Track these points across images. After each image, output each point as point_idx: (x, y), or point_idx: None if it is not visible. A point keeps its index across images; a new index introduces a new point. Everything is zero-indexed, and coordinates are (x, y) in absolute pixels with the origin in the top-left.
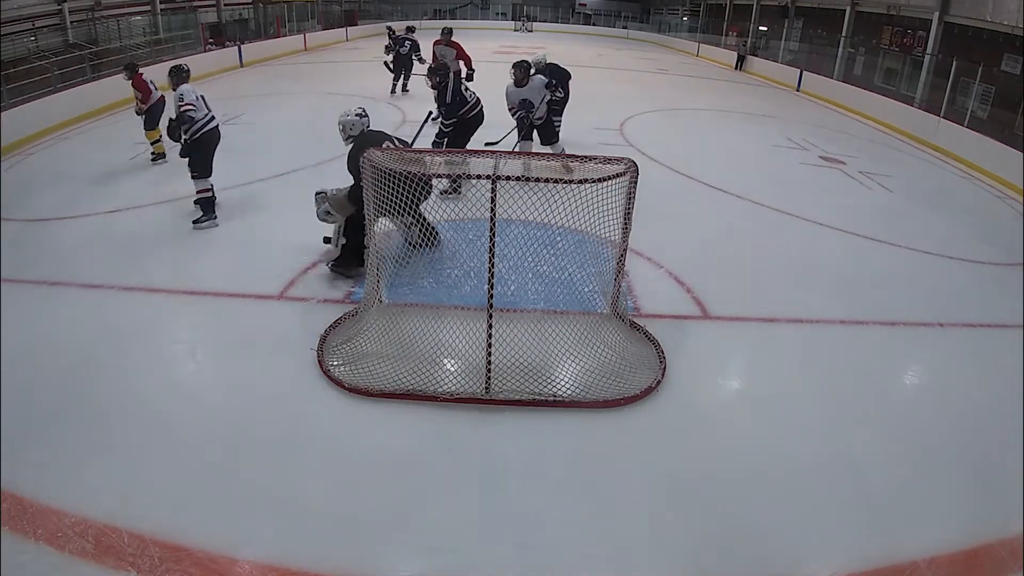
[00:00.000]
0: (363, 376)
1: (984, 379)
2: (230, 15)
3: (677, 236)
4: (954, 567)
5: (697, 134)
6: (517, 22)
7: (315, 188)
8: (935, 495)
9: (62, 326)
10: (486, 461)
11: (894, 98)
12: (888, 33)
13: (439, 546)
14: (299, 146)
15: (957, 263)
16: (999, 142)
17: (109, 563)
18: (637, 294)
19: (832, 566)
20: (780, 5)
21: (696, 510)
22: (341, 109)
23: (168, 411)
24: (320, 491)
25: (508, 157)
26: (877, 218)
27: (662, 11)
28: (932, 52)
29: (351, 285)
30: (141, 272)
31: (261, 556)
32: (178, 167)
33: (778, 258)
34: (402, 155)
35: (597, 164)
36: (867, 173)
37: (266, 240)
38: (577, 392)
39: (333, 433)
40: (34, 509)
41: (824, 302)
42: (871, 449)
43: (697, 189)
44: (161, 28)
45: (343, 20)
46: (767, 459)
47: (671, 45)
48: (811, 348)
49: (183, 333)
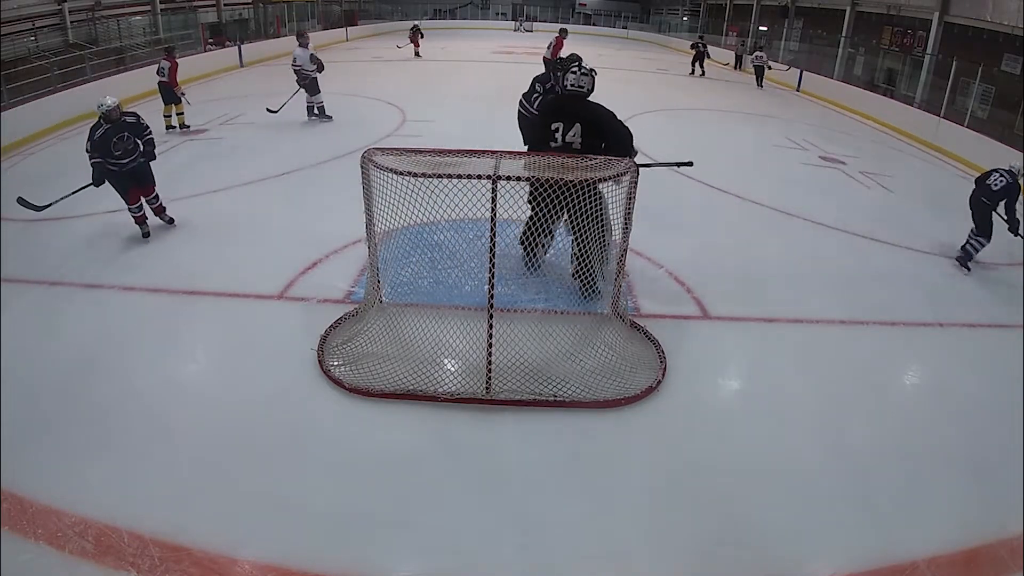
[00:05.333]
0: (363, 376)
1: (984, 379)
2: (230, 15)
3: (677, 236)
4: (954, 567)
5: (697, 134)
6: (516, 22)
7: (315, 188)
8: (935, 495)
9: (62, 326)
10: (486, 461)
11: (894, 98)
12: (888, 33)
13: (439, 546)
14: (299, 146)
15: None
16: (999, 142)
17: (109, 563)
18: (637, 294)
19: (832, 566)
20: (780, 5)
21: (696, 510)
22: (341, 109)
23: (168, 411)
24: (320, 491)
25: (508, 157)
26: (877, 218)
27: (662, 11)
28: (932, 52)
29: (350, 285)
30: (141, 272)
31: (261, 556)
32: (179, 167)
33: (778, 258)
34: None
35: (598, 164)
36: (867, 173)
37: (266, 240)
38: (577, 392)
39: (333, 433)
40: (34, 509)
41: (824, 302)
42: (871, 449)
43: (697, 189)
44: (161, 28)
45: (343, 20)
46: (767, 459)
47: (671, 45)
48: (811, 348)
49: (183, 333)
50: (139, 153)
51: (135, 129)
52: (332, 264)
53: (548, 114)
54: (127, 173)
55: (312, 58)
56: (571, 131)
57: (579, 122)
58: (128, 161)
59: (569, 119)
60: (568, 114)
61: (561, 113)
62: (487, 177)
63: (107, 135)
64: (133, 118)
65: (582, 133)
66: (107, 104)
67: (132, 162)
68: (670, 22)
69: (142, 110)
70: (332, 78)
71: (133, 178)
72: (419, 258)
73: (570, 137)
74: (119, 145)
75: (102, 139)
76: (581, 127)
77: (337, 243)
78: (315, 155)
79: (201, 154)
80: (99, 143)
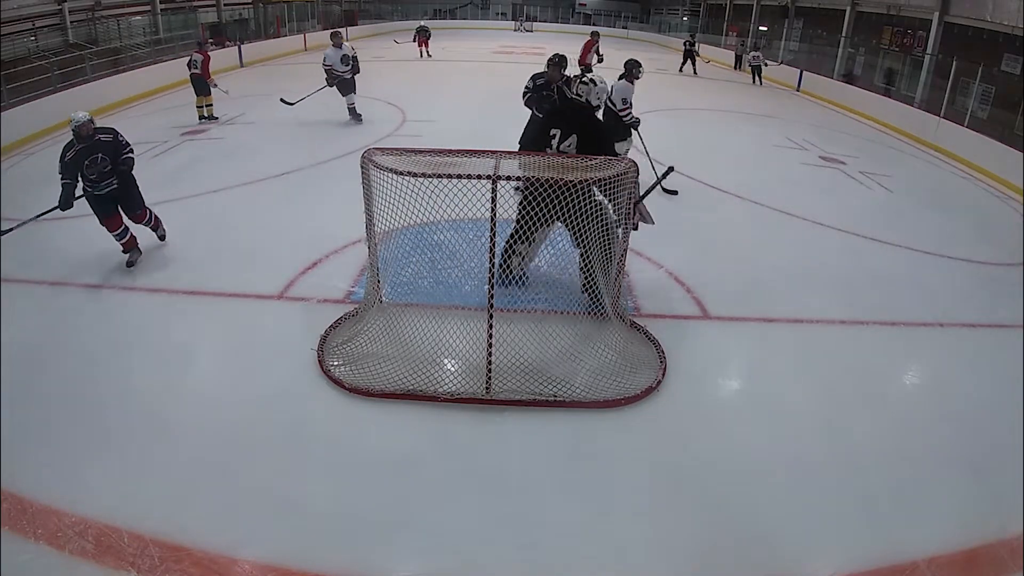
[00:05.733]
0: (363, 376)
1: (984, 379)
2: (230, 15)
3: (677, 236)
4: (954, 567)
5: (697, 134)
6: (517, 22)
7: (315, 188)
8: (935, 495)
9: (62, 326)
10: (486, 461)
11: (894, 98)
12: (888, 33)
13: (439, 546)
14: (298, 146)
15: (957, 263)
16: (999, 142)
17: (109, 563)
18: (637, 294)
19: (832, 566)
20: (780, 5)
21: (696, 510)
22: (341, 109)
23: (168, 411)
24: (320, 491)
25: (508, 157)
26: (877, 218)
27: (662, 11)
28: (932, 52)
29: (350, 285)
30: (141, 272)
31: (261, 556)
32: (179, 167)
33: (778, 258)
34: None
35: (598, 164)
36: (867, 173)
37: (266, 240)
38: (577, 392)
39: (333, 433)
40: (34, 509)
41: (824, 302)
42: (871, 449)
43: (697, 189)
44: (161, 28)
45: (343, 20)
46: (767, 459)
47: (671, 45)
48: (811, 348)
49: (183, 333)
50: (118, 174)
51: (111, 148)
52: (332, 264)
53: (549, 118)
54: (105, 198)
55: (344, 59)
56: (567, 141)
57: (576, 133)
58: (104, 184)
59: (568, 128)
60: (568, 122)
61: (562, 120)
62: (487, 177)
63: (78, 157)
64: (109, 135)
65: (578, 145)
66: (77, 119)
67: (109, 185)
68: (670, 22)
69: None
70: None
71: (115, 202)
72: (419, 258)
73: (564, 147)
74: (92, 168)
75: (72, 161)
76: (578, 138)
77: (337, 243)
78: (315, 155)
79: (201, 154)
80: (69, 165)
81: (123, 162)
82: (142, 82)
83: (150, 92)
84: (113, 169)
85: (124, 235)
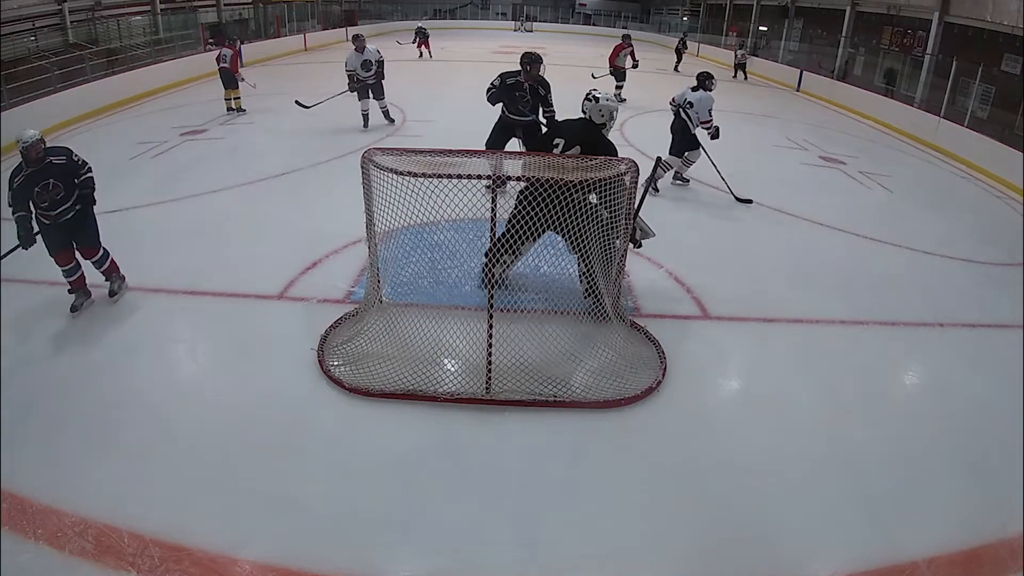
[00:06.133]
0: (363, 376)
1: (984, 379)
2: (230, 15)
3: (677, 236)
4: (954, 567)
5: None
6: (516, 22)
7: (315, 188)
8: (935, 495)
9: (63, 326)
10: (486, 461)
11: (894, 98)
12: (888, 33)
13: (439, 546)
14: (298, 146)
15: (957, 263)
16: (999, 142)
17: (109, 563)
18: (637, 294)
19: (832, 566)
20: (780, 5)
21: (696, 510)
22: (344, 110)
23: (168, 411)
24: (320, 491)
25: (508, 157)
26: (877, 218)
27: (662, 11)
28: (932, 52)
29: (350, 285)
30: (141, 272)
31: (261, 556)
32: (179, 167)
33: (778, 258)
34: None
35: (598, 164)
36: (867, 173)
37: (266, 240)
38: (577, 392)
39: (333, 433)
40: (34, 509)
41: (824, 302)
42: (871, 449)
43: (697, 189)
44: (161, 28)
45: (343, 20)
46: (767, 459)
47: (671, 45)
48: (811, 348)
49: (183, 333)
50: (74, 200)
51: (64, 172)
52: (332, 264)
53: (555, 129)
54: (58, 227)
55: (366, 64)
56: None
57: (580, 146)
58: (58, 213)
59: (571, 140)
60: (573, 135)
61: (568, 132)
62: (487, 177)
63: (27, 184)
64: (62, 158)
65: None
66: (24, 139)
67: (64, 213)
68: (670, 22)
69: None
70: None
71: (67, 232)
72: (419, 258)
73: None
74: (43, 195)
75: (21, 188)
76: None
77: (337, 243)
78: (315, 155)
79: (201, 154)
80: (18, 194)
81: (83, 184)
82: (142, 82)
83: (150, 92)
84: (67, 196)
85: (74, 272)
